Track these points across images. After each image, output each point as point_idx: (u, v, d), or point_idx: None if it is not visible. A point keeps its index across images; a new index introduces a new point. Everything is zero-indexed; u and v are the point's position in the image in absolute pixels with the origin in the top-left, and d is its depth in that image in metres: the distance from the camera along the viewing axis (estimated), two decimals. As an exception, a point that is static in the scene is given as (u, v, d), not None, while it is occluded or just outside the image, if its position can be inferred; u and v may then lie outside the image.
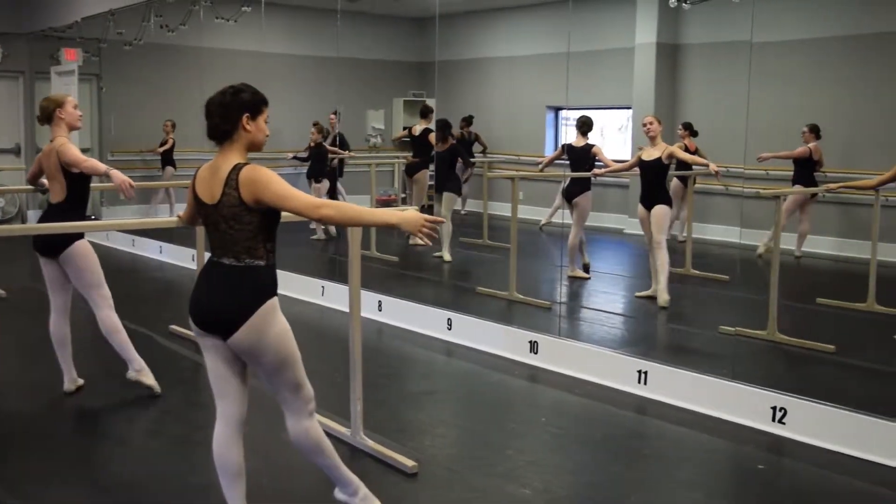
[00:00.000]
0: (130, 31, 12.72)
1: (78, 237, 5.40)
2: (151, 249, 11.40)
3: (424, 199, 11.28)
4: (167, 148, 13.52)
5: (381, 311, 7.73)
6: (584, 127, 9.01)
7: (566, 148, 9.12)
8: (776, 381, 5.51)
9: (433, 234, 3.26)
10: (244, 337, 3.31)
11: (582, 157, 8.93)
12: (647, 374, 5.77)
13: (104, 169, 5.33)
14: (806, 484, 4.53)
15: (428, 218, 3.25)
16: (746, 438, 5.05)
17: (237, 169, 3.28)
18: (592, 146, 8.93)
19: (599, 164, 9.01)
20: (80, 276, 5.46)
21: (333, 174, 12.15)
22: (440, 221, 3.33)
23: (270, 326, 3.34)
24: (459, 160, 11.11)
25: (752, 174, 10.25)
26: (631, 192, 11.81)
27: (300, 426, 3.55)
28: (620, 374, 5.91)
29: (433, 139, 10.71)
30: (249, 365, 3.46)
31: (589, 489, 4.38)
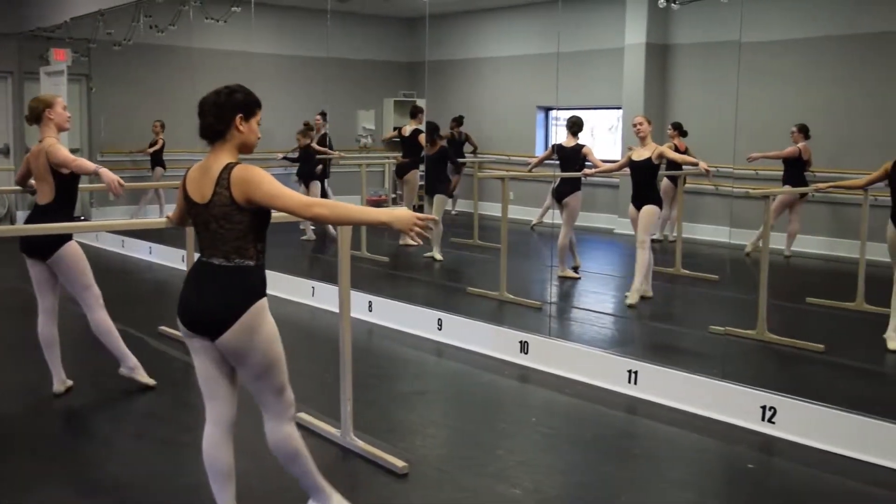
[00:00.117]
0: (120, 31, 12.68)
1: (67, 238, 5.38)
2: (141, 250, 11.37)
3: (415, 199, 11.28)
4: (157, 149, 13.48)
5: (371, 311, 7.72)
6: (574, 127, 9.02)
7: (556, 148, 9.12)
8: (766, 380, 5.53)
9: (424, 233, 3.24)
10: (233, 338, 3.29)
11: (572, 157, 8.93)
12: (637, 373, 5.78)
13: (93, 168, 5.32)
14: (796, 483, 4.54)
15: (420, 216, 3.23)
16: (736, 438, 5.05)
17: (229, 168, 3.28)
18: (583, 146, 8.94)
19: (589, 164, 9.02)
20: (70, 278, 5.45)
21: (322, 175, 12.13)
22: (432, 220, 3.31)
23: (260, 327, 3.32)
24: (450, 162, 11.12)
25: (741, 174, 10.28)
26: (621, 192, 11.83)
27: (281, 431, 3.50)
28: (610, 373, 5.91)
29: (423, 140, 10.71)
30: (235, 366, 3.43)
31: (579, 489, 4.38)
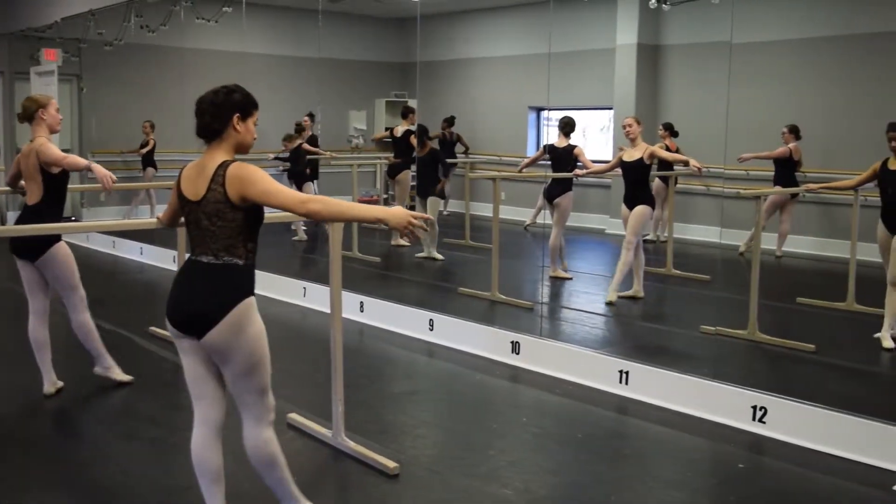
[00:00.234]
0: (111, 31, 12.65)
1: (56, 239, 5.36)
2: (132, 251, 11.33)
3: (407, 199, 11.27)
4: (149, 150, 13.42)
5: (362, 311, 7.72)
6: (566, 128, 9.02)
7: (548, 148, 9.13)
8: (757, 380, 5.55)
9: (417, 232, 3.23)
10: (219, 336, 3.27)
11: (564, 157, 8.94)
12: (628, 374, 5.78)
13: (85, 164, 5.31)
14: (786, 483, 4.55)
15: (415, 215, 3.22)
16: (727, 438, 5.06)
17: (224, 166, 3.28)
18: (574, 147, 8.94)
19: (580, 165, 9.03)
20: (59, 278, 5.44)
21: (311, 176, 12.11)
22: (427, 219, 3.30)
23: (247, 326, 3.30)
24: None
25: (732, 174, 10.30)
26: (612, 192, 11.86)
27: (260, 435, 3.45)
28: (601, 374, 5.91)
29: (415, 141, 10.72)
30: (220, 365, 3.39)
31: (570, 489, 4.39)
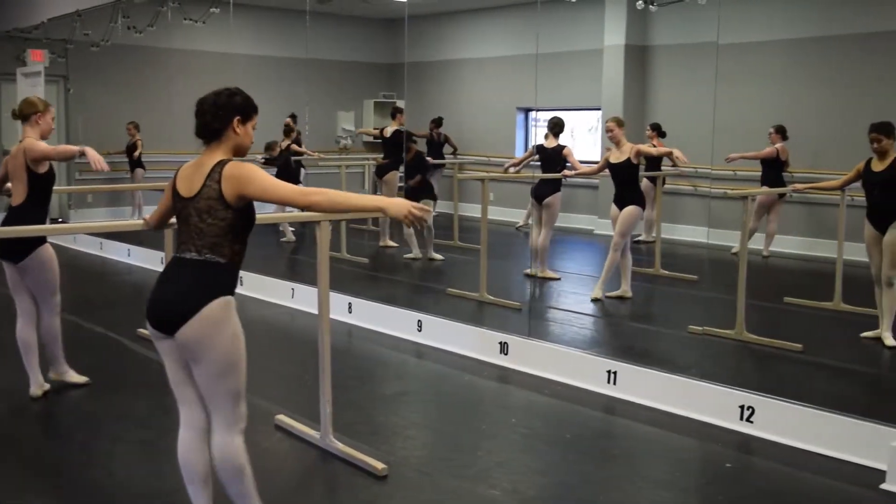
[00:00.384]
0: (98, 31, 12.62)
1: (40, 241, 5.32)
2: (119, 252, 11.29)
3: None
4: (140, 151, 13.28)
5: (351, 312, 7.70)
6: (555, 128, 9.04)
7: (538, 149, 9.15)
8: (744, 380, 5.56)
9: (419, 221, 3.22)
10: (191, 332, 3.21)
11: (553, 158, 8.95)
12: (616, 374, 5.79)
13: (77, 149, 5.29)
14: (774, 482, 4.56)
15: (415, 205, 3.22)
16: (715, 437, 5.07)
17: (221, 164, 3.28)
18: (563, 147, 8.96)
19: (569, 165, 9.04)
20: (40, 281, 5.39)
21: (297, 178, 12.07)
22: (426, 210, 3.28)
23: (222, 324, 3.26)
24: (431, 161, 11.14)
25: (719, 175, 10.34)
26: (601, 192, 11.88)
27: (231, 444, 3.37)
28: (590, 374, 5.92)
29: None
30: (192, 365, 3.31)
31: (559, 489, 4.39)
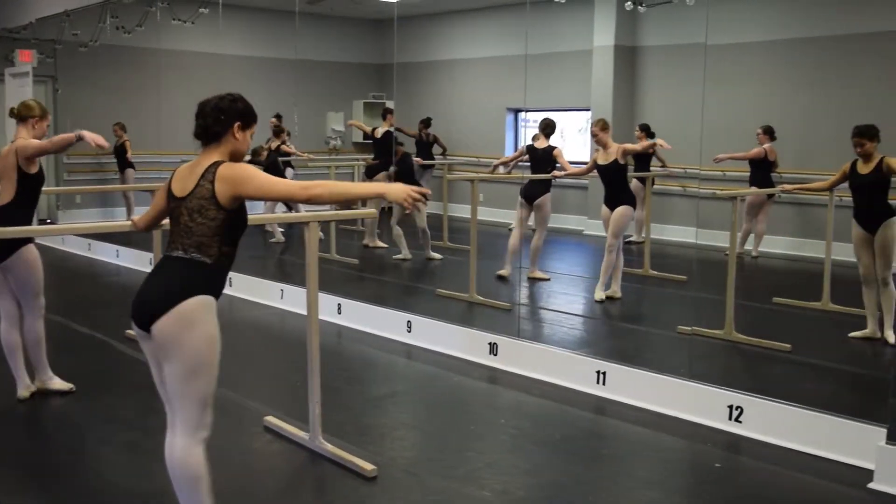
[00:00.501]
0: (86, 32, 12.58)
1: (24, 241, 5.29)
2: (108, 253, 11.26)
3: (385, 201, 11.26)
4: (129, 152, 13.20)
5: (340, 313, 7.69)
6: (547, 129, 9.06)
7: (528, 149, 9.16)
8: (733, 380, 5.58)
9: (417, 205, 3.24)
10: (163, 327, 3.17)
11: (544, 158, 8.97)
12: (605, 374, 5.80)
13: (73, 136, 5.26)
14: (762, 482, 4.57)
15: (413, 188, 3.24)
16: (704, 437, 5.08)
17: (216, 164, 3.29)
18: (554, 148, 8.98)
19: (559, 166, 9.06)
20: (23, 282, 5.34)
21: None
22: (425, 192, 3.28)
23: (198, 323, 3.21)
24: (421, 163, 11.13)
25: (708, 175, 10.36)
26: (591, 193, 11.89)
27: (190, 451, 3.28)
28: (579, 374, 5.93)
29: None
30: (163, 364, 3.26)
31: (548, 490, 4.39)
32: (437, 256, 10.58)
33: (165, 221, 3.52)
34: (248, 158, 12.37)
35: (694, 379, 5.45)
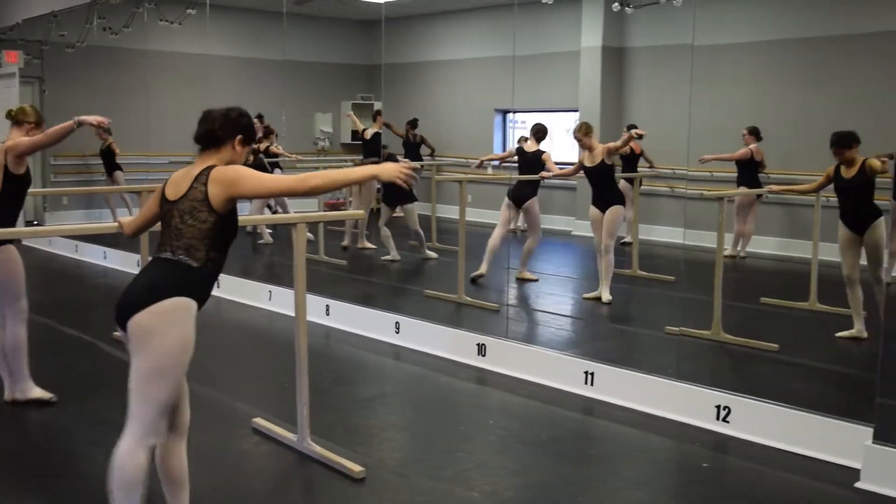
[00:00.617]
0: (73, 33, 12.54)
1: (5, 242, 5.23)
2: (96, 255, 11.21)
3: (373, 202, 11.25)
4: (116, 153, 13.13)
5: (328, 315, 7.69)
6: (539, 134, 9.13)
7: (518, 151, 9.22)
8: (721, 380, 5.60)
9: (410, 178, 3.32)
10: (138, 323, 3.13)
11: (533, 161, 9.03)
12: (593, 374, 5.81)
13: (72, 123, 5.18)
14: (750, 481, 4.59)
15: (403, 164, 3.34)
16: (691, 437, 5.10)
17: (210, 168, 3.30)
18: (543, 152, 9.04)
19: (547, 170, 9.08)
20: (2, 284, 5.24)
21: None
22: (414, 167, 3.41)
23: (173, 325, 3.17)
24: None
25: (696, 176, 10.39)
26: (578, 194, 11.91)
27: (134, 456, 3.20)
28: (567, 375, 5.93)
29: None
30: (132, 360, 3.21)
31: (536, 490, 4.39)
32: (433, 255, 10.61)
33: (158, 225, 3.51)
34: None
35: (681, 379, 5.47)
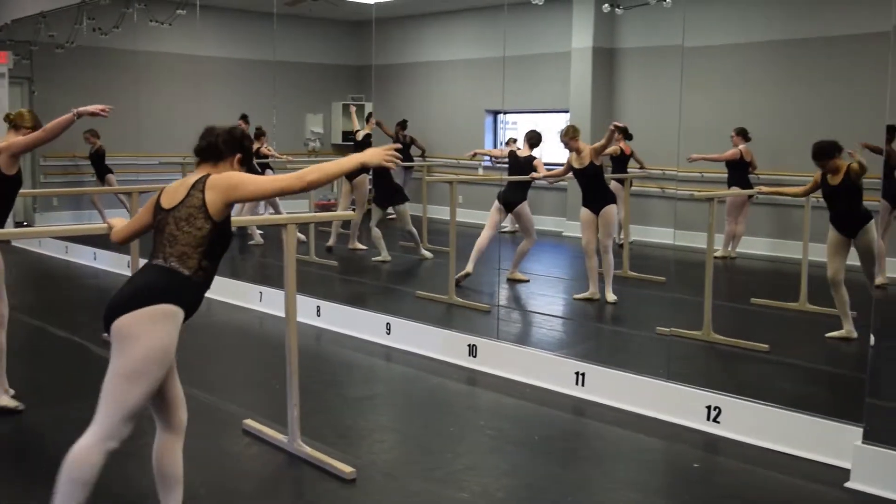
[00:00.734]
0: (62, 33, 12.50)
1: None
2: (85, 256, 11.18)
3: (365, 204, 11.23)
4: (101, 155, 13.10)
5: (319, 316, 7.68)
6: (533, 140, 9.16)
7: (510, 155, 9.24)
8: (711, 380, 5.61)
9: (396, 159, 3.42)
10: (123, 322, 3.12)
11: (524, 166, 9.06)
12: (584, 375, 5.81)
13: (71, 115, 5.15)
14: (740, 481, 4.60)
15: (385, 148, 3.45)
16: (682, 438, 5.11)
17: (206, 176, 3.31)
18: (534, 158, 9.08)
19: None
20: None
21: None
22: (397, 147, 3.55)
23: (156, 331, 3.15)
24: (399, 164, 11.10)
25: (686, 177, 10.39)
26: (569, 195, 11.92)
27: (91, 454, 3.15)
28: (558, 375, 5.94)
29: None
30: (111, 360, 3.18)
31: (527, 491, 4.39)
32: (428, 255, 10.61)
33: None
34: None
35: (672, 379, 5.48)
